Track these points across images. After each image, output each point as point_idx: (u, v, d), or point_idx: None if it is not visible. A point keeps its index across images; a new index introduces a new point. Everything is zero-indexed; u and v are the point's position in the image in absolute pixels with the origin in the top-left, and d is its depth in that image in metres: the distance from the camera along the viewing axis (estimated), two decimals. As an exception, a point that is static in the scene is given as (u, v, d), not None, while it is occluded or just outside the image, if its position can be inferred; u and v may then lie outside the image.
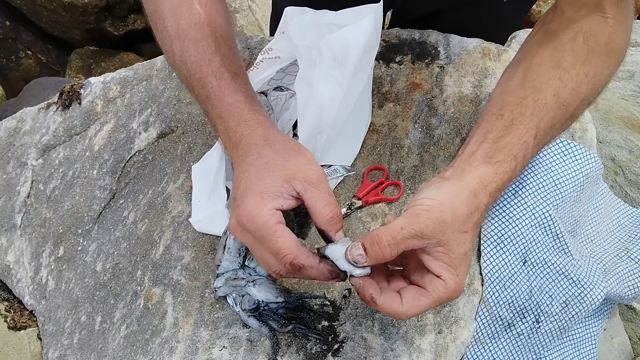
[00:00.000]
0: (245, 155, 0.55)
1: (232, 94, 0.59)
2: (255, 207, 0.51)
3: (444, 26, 0.86)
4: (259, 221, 0.51)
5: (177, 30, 0.61)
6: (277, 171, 0.53)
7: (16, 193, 0.93)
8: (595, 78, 0.57)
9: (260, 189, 0.52)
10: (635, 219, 0.84)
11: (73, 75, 2.15)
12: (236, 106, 0.58)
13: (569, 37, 0.58)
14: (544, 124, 0.56)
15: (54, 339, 0.79)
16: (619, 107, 1.19)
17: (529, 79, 0.58)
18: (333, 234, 0.53)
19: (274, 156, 0.54)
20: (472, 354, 0.67)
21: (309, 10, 0.74)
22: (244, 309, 0.66)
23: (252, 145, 0.56)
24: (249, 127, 0.57)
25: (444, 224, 0.49)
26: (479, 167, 0.54)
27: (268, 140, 0.56)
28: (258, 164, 0.54)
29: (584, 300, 0.68)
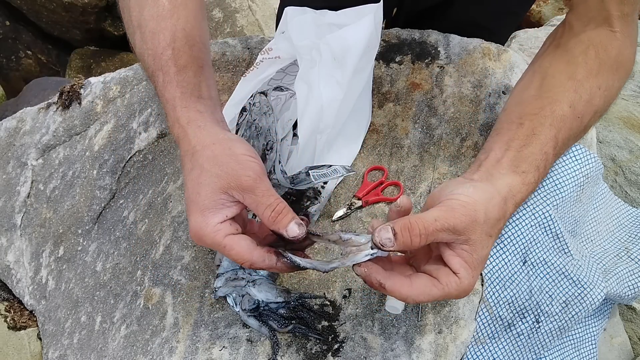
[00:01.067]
0: (183, 164, 0.55)
1: (171, 89, 0.57)
2: (201, 227, 0.52)
3: (451, 16, 0.86)
4: (207, 239, 0.52)
5: (139, 20, 0.60)
6: (211, 183, 0.52)
7: (16, 193, 0.93)
8: (607, 90, 0.58)
9: (200, 207, 0.52)
10: (635, 219, 0.84)
11: (73, 75, 2.15)
12: (171, 103, 0.57)
13: (580, 50, 0.59)
14: (562, 135, 0.57)
15: (54, 339, 0.79)
16: (619, 107, 1.19)
17: (545, 89, 0.59)
18: (283, 231, 0.52)
19: (205, 165, 0.53)
20: (472, 354, 0.67)
21: (309, 10, 0.74)
22: (244, 309, 0.66)
23: (185, 153, 0.55)
24: (181, 128, 0.56)
25: (476, 223, 0.49)
26: (507, 175, 0.54)
27: (197, 145, 0.54)
28: (192, 176, 0.53)
29: (584, 300, 0.68)
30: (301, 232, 0.53)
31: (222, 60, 0.88)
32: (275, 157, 0.67)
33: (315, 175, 0.64)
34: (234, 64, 0.88)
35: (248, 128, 0.70)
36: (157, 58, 0.58)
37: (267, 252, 0.53)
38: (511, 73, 0.80)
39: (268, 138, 0.69)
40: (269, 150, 0.68)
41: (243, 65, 0.87)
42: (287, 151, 0.72)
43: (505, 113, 0.61)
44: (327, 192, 0.73)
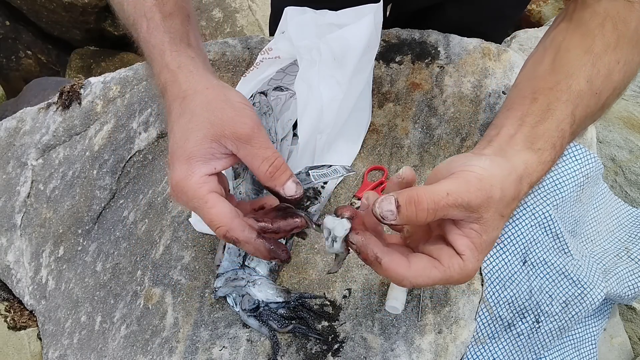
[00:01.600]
0: (170, 111, 0.50)
1: (159, 35, 0.53)
2: (184, 177, 0.47)
3: (444, 19, 0.85)
4: (188, 192, 0.47)
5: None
6: (203, 129, 0.47)
7: (16, 193, 0.93)
8: (627, 65, 0.53)
9: (186, 154, 0.47)
10: (635, 219, 0.84)
11: (73, 75, 2.15)
12: (159, 48, 0.53)
13: (597, 23, 0.54)
14: (579, 112, 0.52)
15: (54, 339, 0.79)
16: (619, 107, 1.19)
17: (559, 64, 0.54)
18: (280, 189, 0.48)
19: (197, 110, 0.48)
20: (472, 354, 0.67)
21: (309, 10, 0.74)
22: (244, 309, 0.66)
23: (175, 98, 0.50)
24: (171, 73, 0.51)
25: (491, 200, 0.43)
26: (522, 152, 0.48)
27: (189, 90, 0.50)
28: (181, 122, 0.48)
29: (584, 300, 0.68)
30: (299, 191, 0.48)
31: (222, 60, 0.88)
32: (275, 157, 0.67)
33: (315, 175, 0.64)
34: (234, 64, 0.88)
35: (248, 128, 0.70)
36: (138, 5, 0.55)
37: (247, 225, 0.48)
38: (511, 73, 0.80)
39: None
40: (269, 150, 0.68)
41: (243, 65, 0.87)
42: (287, 151, 0.72)
43: (517, 88, 0.55)
44: (327, 192, 0.73)
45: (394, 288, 0.65)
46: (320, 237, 0.72)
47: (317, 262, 0.70)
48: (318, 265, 0.70)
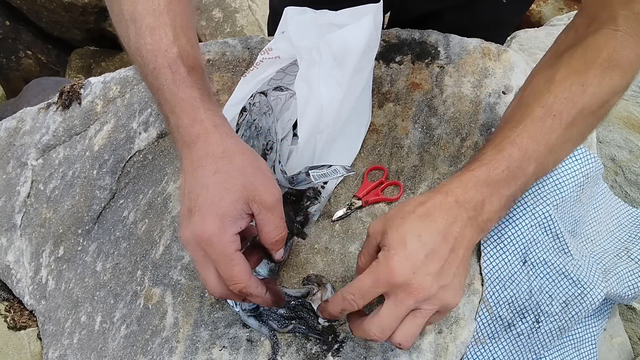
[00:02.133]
0: (201, 165, 0.53)
1: (187, 89, 0.56)
2: (217, 233, 0.51)
3: (443, 26, 0.86)
4: (218, 247, 0.51)
5: (133, 14, 0.58)
6: (237, 191, 0.52)
7: (16, 193, 0.93)
8: (593, 88, 0.55)
9: (221, 213, 0.51)
10: (635, 219, 0.84)
11: (73, 75, 2.15)
12: (190, 103, 0.56)
13: (568, 54, 0.57)
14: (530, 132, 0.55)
15: (54, 339, 0.79)
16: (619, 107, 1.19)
17: (524, 97, 0.59)
18: (274, 253, 0.57)
19: (233, 173, 0.53)
20: (472, 354, 0.67)
21: (309, 10, 0.74)
22: (244, 309, 0.66)
23: (208, 155, 0.54)
24: (205, 129, 0.55)
25: (383, 218, 0.55)
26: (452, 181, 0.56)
27: (226, 152, 0.54)
28: (217, 180, 0.52)
29: (584, 300, 0.68)
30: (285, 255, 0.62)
31: (222, 60, 0.88)
32: (275, 157, 0.67)
33: (315, 175, 0.64)
34: (234, 64, 0.88)
35: (248, 128, 0.70)
36: (160, 55, 0.57)
37: (260, 282, 0.55)
38: (511, 73, 0.80)
39: (268, 138, 0.69)
40: (269, 150, 0.68)
41: (243, 65, 0.87)
42: (287, 151, 0.72)
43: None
44: (327, 192, 0.73)
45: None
46: (320, 237, 0.72)
47: (317, 262, 0.70)
48: (318, 265, 0.70)
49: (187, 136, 0.55)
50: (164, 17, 0.58)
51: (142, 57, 0.58)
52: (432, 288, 0.50)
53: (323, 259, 0.70)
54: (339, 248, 0.70)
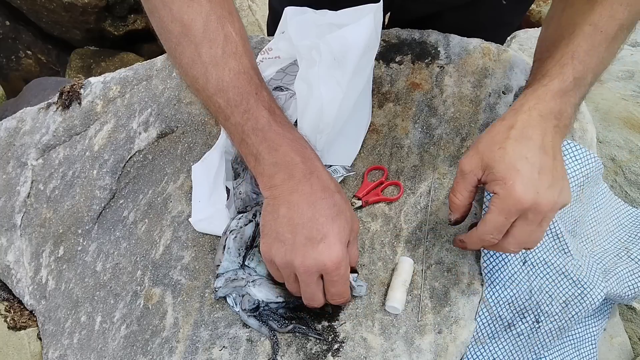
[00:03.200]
0: (320, 198, 0.58)
1: (291, 130, 0.62)
2: (343, 256, 0.57)
3: (443, 27, 0.86)
4: (342, 269, 0.57)
5: (213, 58, 0.59)
6: (349, 223, 0.59)
7: (16, 193, 0.93)
8: (630, 6, 0.59)
9: (342, 240, 0.57)
10: (635, 219, 0.84)
11: (73, 75, 2.15)
12: (299, 142, 0.61)
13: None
14: (584, 46, 0.59)
15: (54, 339, 0.79)
16: (619, 107, 1.19)
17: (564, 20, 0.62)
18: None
19: (343, 207, 0.59)
20: (472, 354, 0.67)
21: (309, 10, 0.74)
22: (244, 309, 0.66)
23: (324, 189, 0.59)
24: (308, 164, 0.60)
25: (476, 152, 0.57)
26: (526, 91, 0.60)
27: (334, 188, 0.60)
28: (336, 212, 0.58)
29: (584, 300, 0.68)
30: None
31: (222, 60, 0.88)
32: (275, 157, 0.67)
33: (315, 175, 0.64)
34: (234, 64, 0.88)
35: (248, 128, 0.70)
36: (252, 98, 0.60)
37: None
38: (511, 73, 0.80)
39: (268, 138, 0.69)
40: (269, 150, 0.68)
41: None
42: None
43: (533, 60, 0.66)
44: (327, 192, 0.73)
45: (394, 288, 0.65)
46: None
47: (317, 262, 0.70)
48: (318, 265, 0.70)
49: (297, 172, 0.59)
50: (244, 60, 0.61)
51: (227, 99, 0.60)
52: (554, 197, 0.54)
53: (323, 259, 0.70)
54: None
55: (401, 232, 0.71)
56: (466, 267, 0.67)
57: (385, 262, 0.69)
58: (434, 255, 0.68)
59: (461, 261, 0.68)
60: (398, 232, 0.71)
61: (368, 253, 0.70)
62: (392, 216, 0.72)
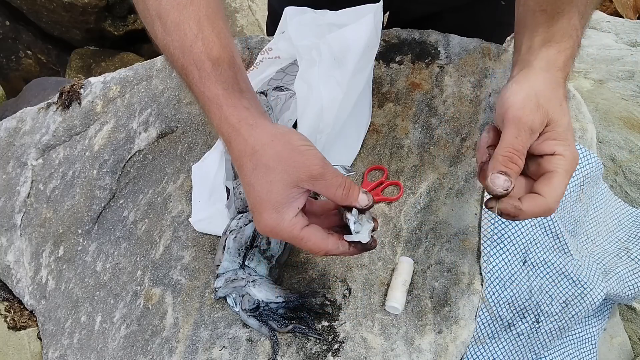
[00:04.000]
0: (241, 166, 0.55)
1: (212, 87, 0.56)
2: (276, 223, 0.53)
3: (442, 27, 0.86)
4: (284, 235, 0.54)
5: (158, 10, 0.57)
6: (282, 180, 0.53)
7: (16, 193, 0.93)
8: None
9: (273, 204, 0.53)
10: (635, 219, 0.84)
11: (73, 75, 2.15)
12: (215, 102, 0.55)
13: None
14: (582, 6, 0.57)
15: (54, 339, 0.79)
16: (619, 107, 1.19)
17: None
18: (355, 203, 0.55)
19: (270, 164, 0.53)
20: (472, 354, 0.67)
21: (309, 10, 0.74)
22: (244, 309, 0.66)
23: (242, 155, 0.54)
24: (232, 127, 0.55)
25: (539, 106, 0.51)
26: (540, 51, 0.55)
27: (255, 146, 0.54)
28: (258, 176, 0.54)
29: (584, 300, 0.68)
30: (370, 199, 0.55)
31: (222, 60, 0.88)
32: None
33: (315, 175, 0.64)
34: (234, 64, 0.88)
35: (248, 128, 0.70)
36: (186, 51, 0.56)
37: (338, 240, 0.55)
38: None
39: (268, 138, 0.69)
40: (269, 150, 0.68)
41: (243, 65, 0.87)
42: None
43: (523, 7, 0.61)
44: (327, 192, 0.73)
45: (394, 288, 0.65)
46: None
47: (317, 262, 0.70)
48: (318, 265, 0.70)
49: (222, 136, 0.56)
50: (187, 10, 0.57)
51: (170, 54, 0.58)
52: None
53: (323, 259, 0.70)
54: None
55: (401, 232, 0.71)
56: (466, 267, 0.67)
57: (385, 262, 0.69)
58: (434, 255, 0.68)
59: (461, 261, 0.68)
60: (398, 232, 0.71)
61: (368, 253, 0.70)
62: (392, 216, 0.72)
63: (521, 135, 0.50)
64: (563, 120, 0.51)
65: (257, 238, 0.69)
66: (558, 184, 0.50)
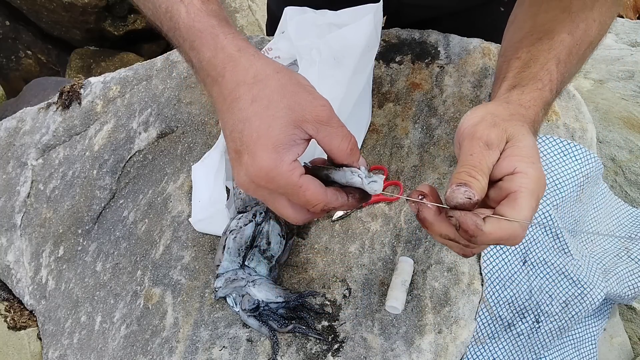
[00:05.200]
0: (236, 98, 0.47)
1: (204, 19, 0.50)
2: (274, 165, 0.45)
3: (440, 32, 0.86)
4: (280, 180, 0.46)
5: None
6: (284, 116, 0.46)
7: (16, 193, 0.93)
8: (601, 25, 0.57)
9: (272, 142, 0.45)
10: (635, 219, 0.84)
11: (73, 75, 2.15)
12: (209, 32, 0.50)
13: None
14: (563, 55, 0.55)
15: (54, 339, 0.79)
16: (619, 107, 1.19)
17: (540, 24, 0.57)
18: (356, 164, 0.49)
19: (274, 96, 0.46)
20: (472, 354, 0.67)
21: (309, 10, 0.74)
22: (244, 309, 0.66)
23: (240, 84, 0.47)
24: (230, 57, 0.49)
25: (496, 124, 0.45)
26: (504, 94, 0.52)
27: (258, 75, 0.47)
28: (257, 109, 0.46)
29: (584, 300, 0.68)
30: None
31: (222, 60, 0.88)
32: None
33: (315, 175, 0.64)
34: (234, 64, 0.88)
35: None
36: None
37: (337, 191, 0.49)
38: (511, 73, 0.80)
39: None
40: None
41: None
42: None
43: (502, 56, 0.59)
44: (327, 192, 0.73)
45: (393, 288, 0.65)
46: (320, 237, 0.72)
47: (317, 262, 0.70)
48: (318, 265, 0.70)
49: (212, 70, 0.49)
50: None
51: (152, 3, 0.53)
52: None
53: (323, 259, 0.70)
54: (339, 248, 0.70)
55: (401, 232, 0.71)
56: (466, 267, 0.67)
57: (385, 262, 0.69)
58: (433, 255, 0.68)
59: (461, 261, 0.68)
60: (398, 232, 0.71)
61: (368, 253, 0.70)
62: (392, 216, 0.72)
63: (476, 151, 0.44)
64: (526, 138, 0.45)
65: (257, 238, 0.69)
66: (525, 206, 0.43)
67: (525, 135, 0.46)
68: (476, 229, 0.43)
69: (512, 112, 0.49)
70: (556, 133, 0.75)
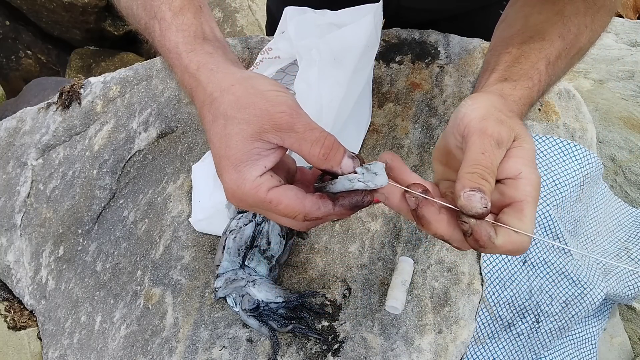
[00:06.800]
0: (203, 119, 0.47)
1: (172, 37, 0.50)
2: (237, 186, 0.44)
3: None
4: (248, 199, 0.44)
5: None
6: (240, 132, 0.44)
7: (16, 193, 0.93)
8: (592, 32, 0.57)
9: (232, 162, 0.44)
10: (635, 219, 0.84)
11: (73, 75, 2.15)
12: (175, 52, 0.49)
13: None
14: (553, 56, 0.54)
15: (54, 339, 0.79)
16: (619, 107, 1.19)
17: (532, 24, 0.56)
18: (337, 169, 0.44)
19: (228, 112, 0.44)
20: (472, 354, 0.67)
21: (309, 10, 0.74)
22: (244, 309, 0.66)
23: (204, 104, 0.46)
24: (192, 77, 0.48)
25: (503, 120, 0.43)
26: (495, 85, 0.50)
27: (213, 94, 0.46)
28: (217, 129, 0.45)
29: (584, 300, 0.68)
30: (356, 165, 0.44)
31: (222, 60, 0.88)
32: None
33: (315, 175, 0.64)
34: (234, 64, 0.88)
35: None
36: (147, 6, 0.51)
37: (319, 199, 0.44)
38: (511, 73, 0.80)
39: (268, 138, 0.69)
40: (268, 150, 0.68)
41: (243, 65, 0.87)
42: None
43: (490, 50, 0.57)
44: (327, 192, 0.73)
45: (394, 288, 0.65)
46: (320, 237, 0.72)
47: (317, 262, 0.70)
48: (318, 265, 0.70)
49: (185, 91, 0.49)
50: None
51: (134, 16, 0.53)
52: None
53: (323, 258, 0.70)
54: (339, 248, 0.70)
55: (401, 232, 0.71)
56: (466, 267, 0.67)
57: (385, 262, 0.69)
58: (433, 255, 0.68)
59: (461, 261, 0.68)
60: (398, 232, 0.71)
61: (368, 253, 0.70)
62: (392, 216, 0.72)
63: (488, 150, 0.42)
64: (530, 140, 0.44)
65: (257, 238, 0.69)
66: (531, 217, 0.42)
67: (529, 136, 0.45)
68: (488, 241, 0.41)
69: (510, 108, 0.48)
70: (556, 133, 0.75)
